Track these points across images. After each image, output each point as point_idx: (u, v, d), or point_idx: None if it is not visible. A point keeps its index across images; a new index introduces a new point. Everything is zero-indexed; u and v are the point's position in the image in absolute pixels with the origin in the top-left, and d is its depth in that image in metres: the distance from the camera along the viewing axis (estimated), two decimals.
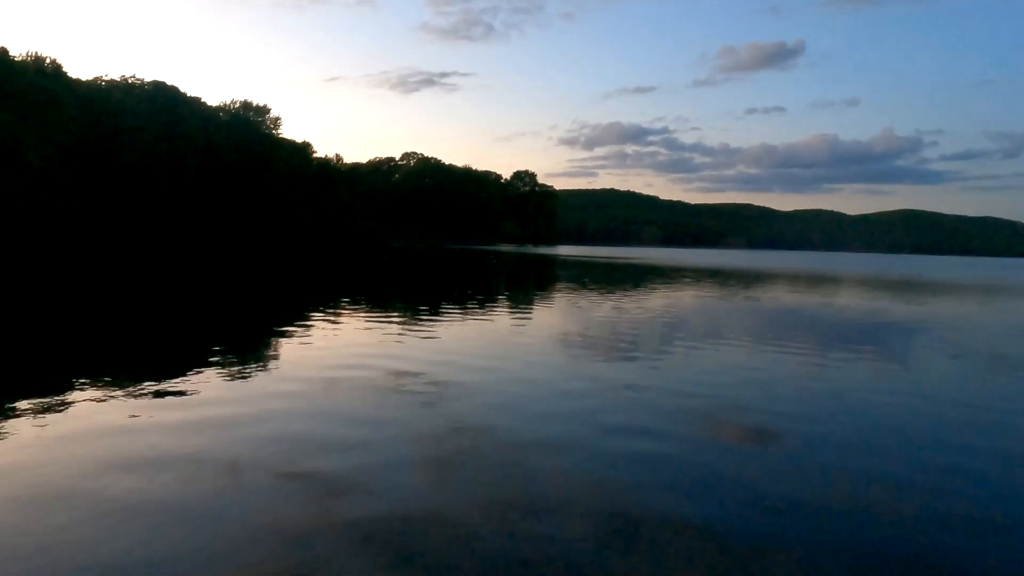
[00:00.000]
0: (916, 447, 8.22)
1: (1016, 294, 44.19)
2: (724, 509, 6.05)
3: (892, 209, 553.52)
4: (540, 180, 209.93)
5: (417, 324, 17.78)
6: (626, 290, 33.74)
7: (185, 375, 10.55)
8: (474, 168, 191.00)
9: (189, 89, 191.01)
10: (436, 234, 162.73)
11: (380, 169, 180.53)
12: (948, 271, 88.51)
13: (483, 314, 20.84)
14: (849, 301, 32.94)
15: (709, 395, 10.55)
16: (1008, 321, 26.20)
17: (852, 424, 9.16)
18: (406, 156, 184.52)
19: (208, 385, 9.98)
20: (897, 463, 7.54)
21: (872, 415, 9.70)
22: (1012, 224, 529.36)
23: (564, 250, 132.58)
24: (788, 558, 5.18)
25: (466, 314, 20.45)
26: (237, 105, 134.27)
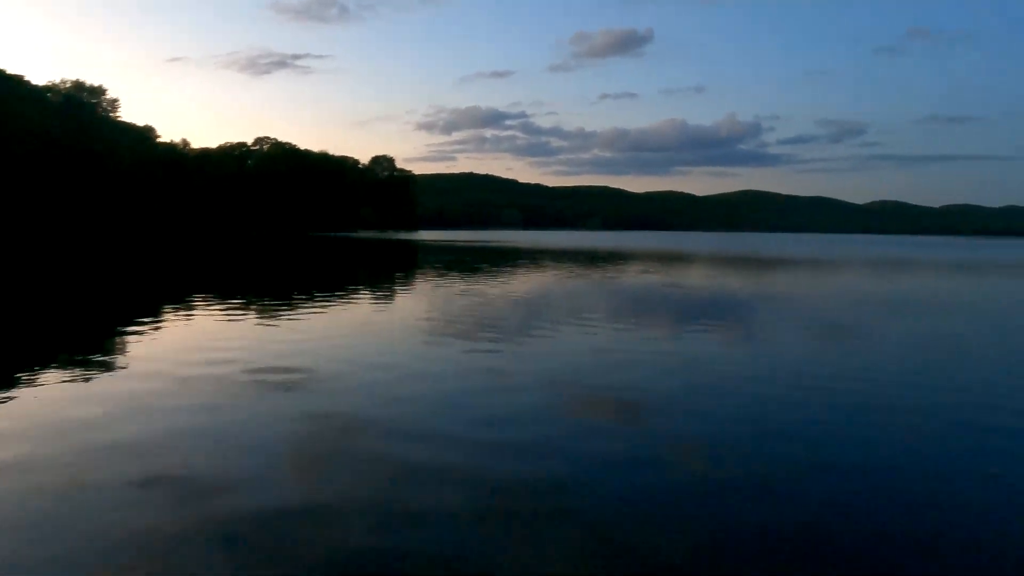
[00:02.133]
0: (757, 413, 8.84)
1: (841, 268, 48.21)
2: (588, 488, 6.29)
3: (735, 190, 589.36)
4: (399, 165, 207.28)
5: (275, 315, 17.22)
6: (487, 273, 34.07)
7: (20, 380, 9.73)
8: (332, 154, 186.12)
9: (8, 67, 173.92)
10: (294, 222, 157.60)
11: (232, 155, 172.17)
12: (784, 248, 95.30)
13: (343, 303, 20.46)
14: (699, 278, 34.80)
15: (571, 376, 10.87)
16: (835, 293, 28.54)
17: (706, 395, 9.73)
18: (259, 141, 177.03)
19: (49, 390, 9.25)
20: (743, 426, 8.10)
21: (722, 386, 10.35)
22: (838, 203, 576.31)
23: (425, 235, 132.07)
24: (660, 532, 5.45)
25: (326, 303, 20.00)
26: (68, 85, 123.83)
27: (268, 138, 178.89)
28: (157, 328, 14.72)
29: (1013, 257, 73.46)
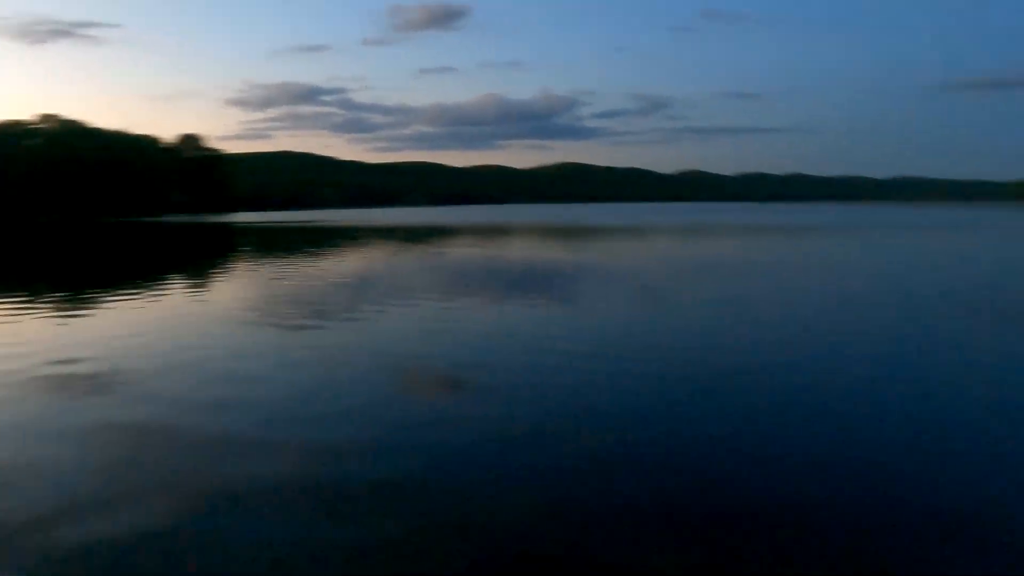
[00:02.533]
0: (579, 382, 9.19)
1: (655, 235, 51.16)
2: (419, 461, 6.26)
3: (555, 163, 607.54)
4: (212, 144, 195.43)
5: (64, 310, 15.71)
6: (309, 254, 33.01)
7: None
8: (131, 132, 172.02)
9: None
10: (91, 207, 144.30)
11: (10, 134, 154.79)
12: (603, 218, 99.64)
13: (150, 294, 19.05)
14: (524, 250, 35.62)
15: (400, 351, 10.77)
16: (649, 259, 30.25)
17: (528, 363, 9.98)
18: (45, 119, 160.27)
19: None
20: (561, 392, 8.40)
21: (546, 352, 10.65)
22: (651, 173, 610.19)
23: (243, 217, 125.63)
24: (481, 499, 5.51)
25: (131, 295, 18.53)
26: None
27: (54, 115, 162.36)
28: None
29: (799, 221, 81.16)
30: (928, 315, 14.14)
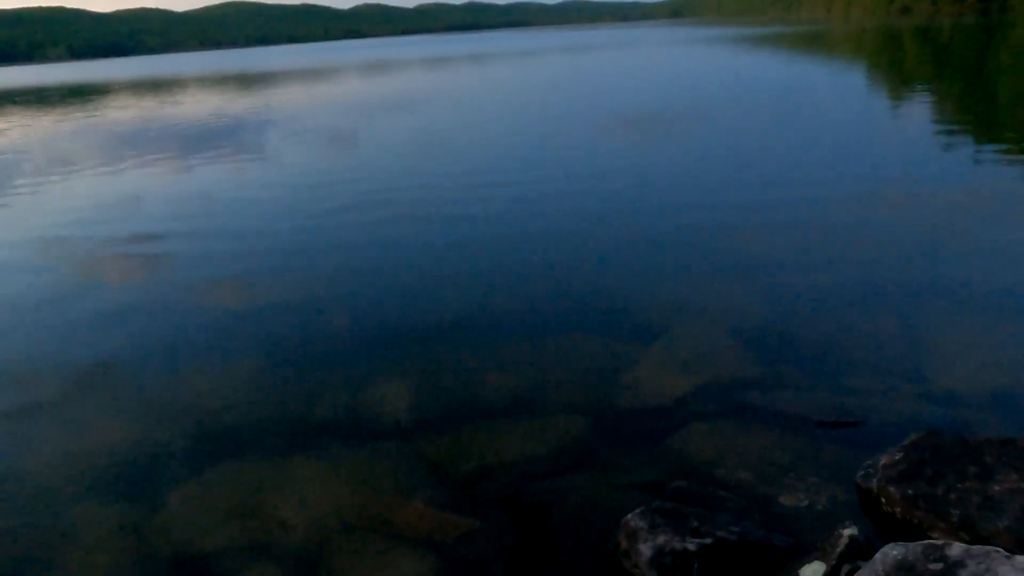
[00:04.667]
0: (277, 232, 9.47)
1: (334, 76, 49.82)
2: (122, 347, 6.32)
3: (220, 3, 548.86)
4: None
5: None
6: None
7: None
8: None
9: None
10: None
11: None
12: (275, 60, 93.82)
13: None
14: (193, 104, 33.02)
15: (78, 232, 10.09)
16: (333, 101, 29.79)
17: (223, 224, 9.97)
18: None
19: None
20: (268, 240, 8.67)
21: (244, 210, 10.65)
22: (325, 9, 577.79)
23: None
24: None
25: None
26: None
27: None
28: None
29: (470, 49, 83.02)
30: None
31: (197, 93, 41.30)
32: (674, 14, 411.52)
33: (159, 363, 5.50)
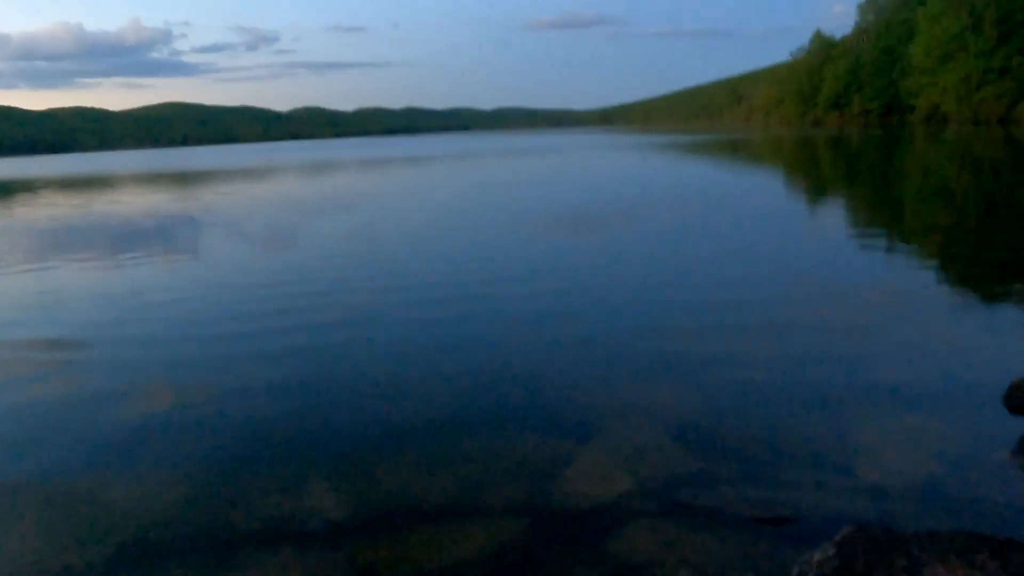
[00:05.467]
0: (211, 323, 9.28)
1: (271, 175, 50.14)
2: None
3: (157, 103, 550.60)
4: None
5: None
6: None
7: None
8: None
9: None
10: None
11: None
12: (213, 160, 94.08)
13: None
14: (128, 201, 32.62)
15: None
16: (269, 200, 29.85)
17: (148, 328, 9.73)
18: None
19: None
20: (207, 330, 8.48)
21: (173, 311, 10.43)
22: (264, 111, 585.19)
23: None
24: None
25: None
26: None
27: None
28: None
29: (408, 151, 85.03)
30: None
31: (131, 191, 40.88)
32: (604, 120, 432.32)
33: (71, 478, 5.17)
